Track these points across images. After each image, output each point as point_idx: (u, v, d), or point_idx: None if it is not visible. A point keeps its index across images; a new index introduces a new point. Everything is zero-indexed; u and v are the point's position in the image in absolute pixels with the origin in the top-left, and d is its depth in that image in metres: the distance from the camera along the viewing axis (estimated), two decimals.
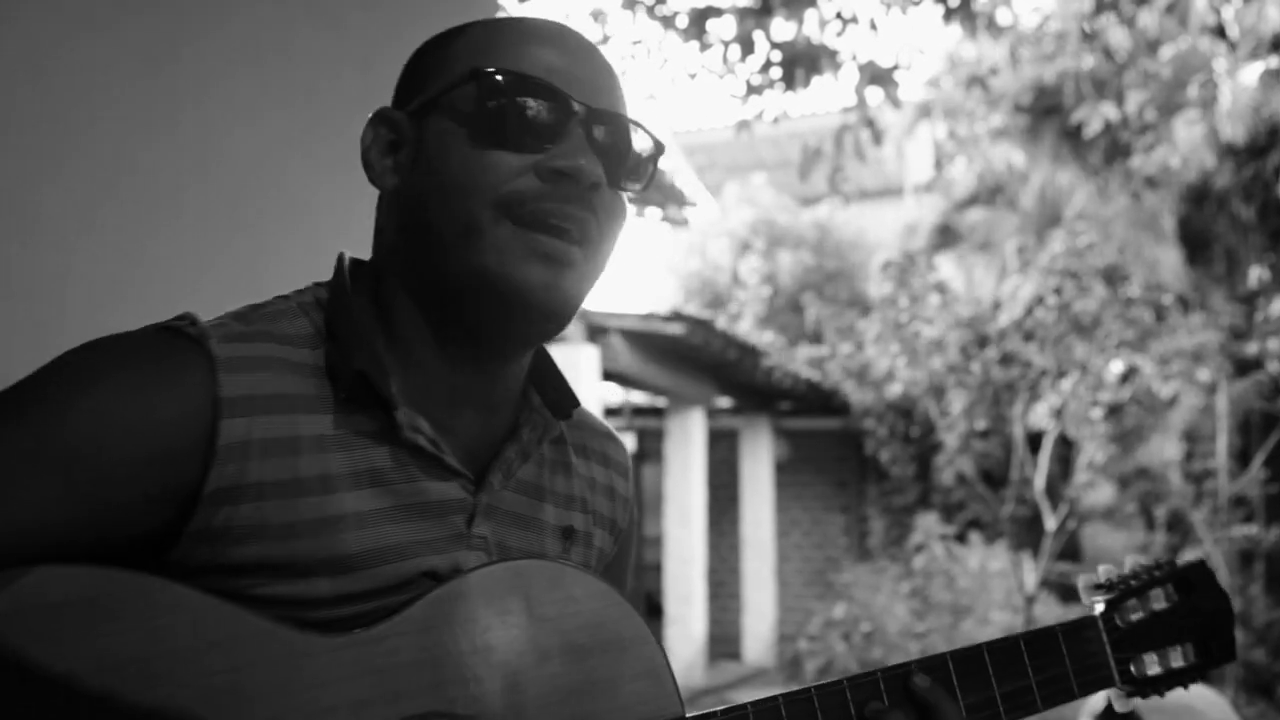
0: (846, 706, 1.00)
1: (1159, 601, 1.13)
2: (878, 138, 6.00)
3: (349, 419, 0.91)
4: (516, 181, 0.91)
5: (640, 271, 13.06)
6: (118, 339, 0.89)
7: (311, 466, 0.89)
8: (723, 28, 5.80)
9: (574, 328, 7.59)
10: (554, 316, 0.93)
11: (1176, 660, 1.13)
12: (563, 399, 1.04)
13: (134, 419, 0.85)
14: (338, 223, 1.99)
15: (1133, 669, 1.11)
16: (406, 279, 0.96)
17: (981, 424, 9.53)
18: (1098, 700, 2.47)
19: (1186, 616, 1.13)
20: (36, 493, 0.82)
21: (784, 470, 12.24)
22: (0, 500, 0.80)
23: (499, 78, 0.92)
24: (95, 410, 0.84)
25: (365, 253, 1.04)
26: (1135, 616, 1.12)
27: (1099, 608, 1.12)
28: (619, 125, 0.96)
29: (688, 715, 0.97)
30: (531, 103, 0.92)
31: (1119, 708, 1.15)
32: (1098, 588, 1.14)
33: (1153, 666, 1.12)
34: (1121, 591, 1.13)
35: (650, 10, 5.94)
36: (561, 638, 0.93)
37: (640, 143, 0.98)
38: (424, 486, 0.94)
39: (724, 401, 11.17)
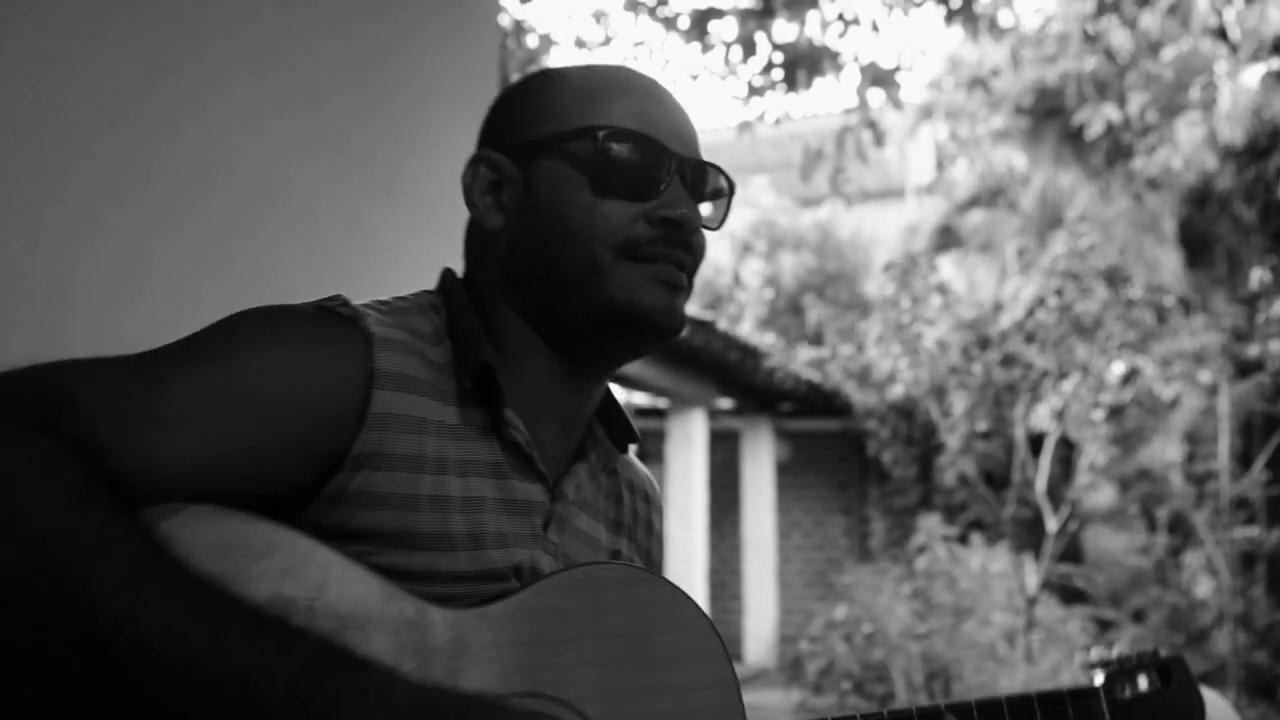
0: None
1: (1144, 684, 1.23)
2: (879, 139, 6.00)
3: (463, 411, 1.01)
4: (632, 228, 1.03)
5: None
6: (286, 308, 0.97)
7: (432, 448, 0.98)
8: (724, 29, 5.81)
9: None
10: (672, 334, 1.06)
11: None
12: (625, 433, 1.15)
13: (307, 379, 0.93)
14: (342, 228, 1.99)
15: None
16: (520, 305, 1.06)
17: (983, 425, 9.53)
18: None
19: (1169, 703, 1.23)
20: (216, 434, 0.88)
21: (785, 472, 12.24)
22: (183, 435, 0.86)
23: (617, 135, 1.03)
24: (276, 366, 0.92)
25: (373, 255, 1.06)
26: (1125, 695, 1.21)
27: (1099, 679, 1.21)
28: (706, 173, 1.10)
29: None
30: (643, 158, 1.04)
31: None
32: (1094, 665, 1.23)
33: None
34: (1116, 670, 1.22)
35: (652, 12, 5.95)
36: (648, 640, 1.01)
37: (717, 183, 1.12)
38: (515, 484, 1.03)
39: (725, 403, 11.17)
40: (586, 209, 1.02)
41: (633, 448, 1.20)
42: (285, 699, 0.79)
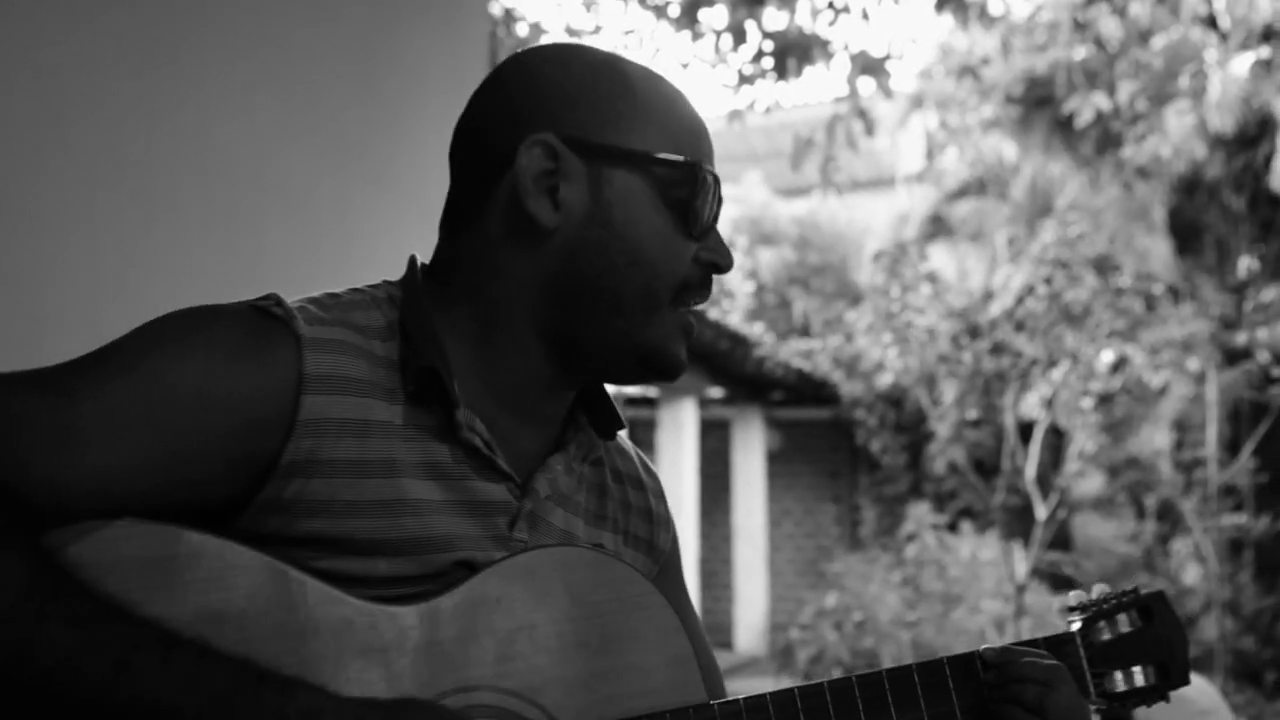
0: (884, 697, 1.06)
1: (1124, 625, 1.22)
2: (870, 128, 6.00)
3: (414, 411, 0.96)
4: (689, 269, 1.01)
5: None
6: (214, 310, 0.93)
7: (378, 450, 0.94)
8: (715, 17, 5.80)
9: None
10: (673, 380, 1.04)
11: (1139, 680, 1.21)
12: (608, 421, 1.10)
13: (227, 385, 0.89)
14: (331, 214, 1.98)
15: (1104, 684, 1.20)
16: (540, 311, 0.99)
17: (973, 413, 9.56)
18: None
19: (1149, 641, 1.22)
20: (128, 446, 0.85)
21: (776, 460, 12.26)
22: (94, 450, 0.84)
23: (707, 176, 1.00)
24: (193, 373, 0.88)
25: (362, 243, 1.04)
26: (1105, 637, 1.21)
27: (1076, 625, 1.20)
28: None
29: (712, 702, 1.01)
30: (714, 199, 1.01)
31: None
32: (1072, 609, 1.23)
33: (1120, 684, 1.21)
34: (1095, 612, 1.21)
35: (642, 0, 5.93)
36: (598, 621, 0.98)
37: None
38: (475, 485, 0.98)
39: (716, 392, 11.18)
40: (664, 243, 0.99)
41: (621, 434, 1.16)
42: None
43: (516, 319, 1.00)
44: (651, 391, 10.54)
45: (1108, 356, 9.10)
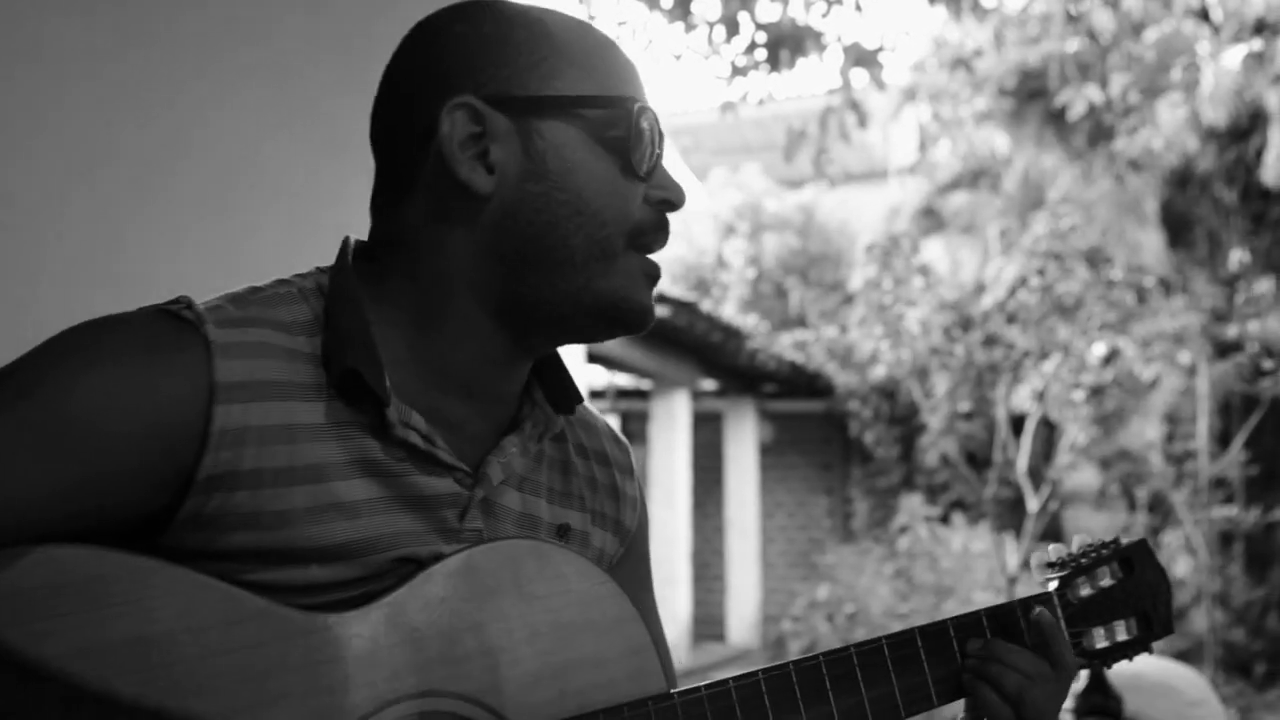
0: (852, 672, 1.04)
1: (1105, 579, 1.18)
2: (863, 120, 6.00)
3: (344, 410, 0.91)
4: (641, 212, 0.96)
5: None
6: (116, 320, 0.88)
7: (306, 455, 0.88)
8: (708, 8, 5.79)
9: None
10: (645, 330, 0.99)
11: (1121, 634, 1.18)
12: (566, 395, 1.04)
13: (132, 401, 0.84)
14: (318, 204, 1.97)
15: (1083, 643, 1.16)
16: (484, 280, 0.94)
17: (965, 406, 9.57)
18: (1078, 678, 2.49)
19: (1130, 592, 1.18)
20: (33, 473, 0.81)
21: (768, 452, 12.27)
22: None
23: (645, 112, 0.95)
24: (94, 391, 0.83)
25: (353, 232, 1.02)
26: (1084, 593, 1.17)
27: (1052, 585, 1.17)
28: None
29: (673, 691, 0.98)
30: (655, 135, 0.96)
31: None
32: (1050, 566, 1.19)
33: (1100, 640, 1.17)
34: (1072, 569, 1.17)
35: None
36: (549, 615, 0.94)
37: None
38: (416, 480, 0.93)
39: (708, 384, 11.18)
40: (608, 188, 0.93)
41: (587, 407, 1.10)
42: None
43: (459, 295, 0.94)
44: (644, 384, 10.54)
45: (1099, 349, 9.12)
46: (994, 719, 1.05)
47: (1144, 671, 2.43)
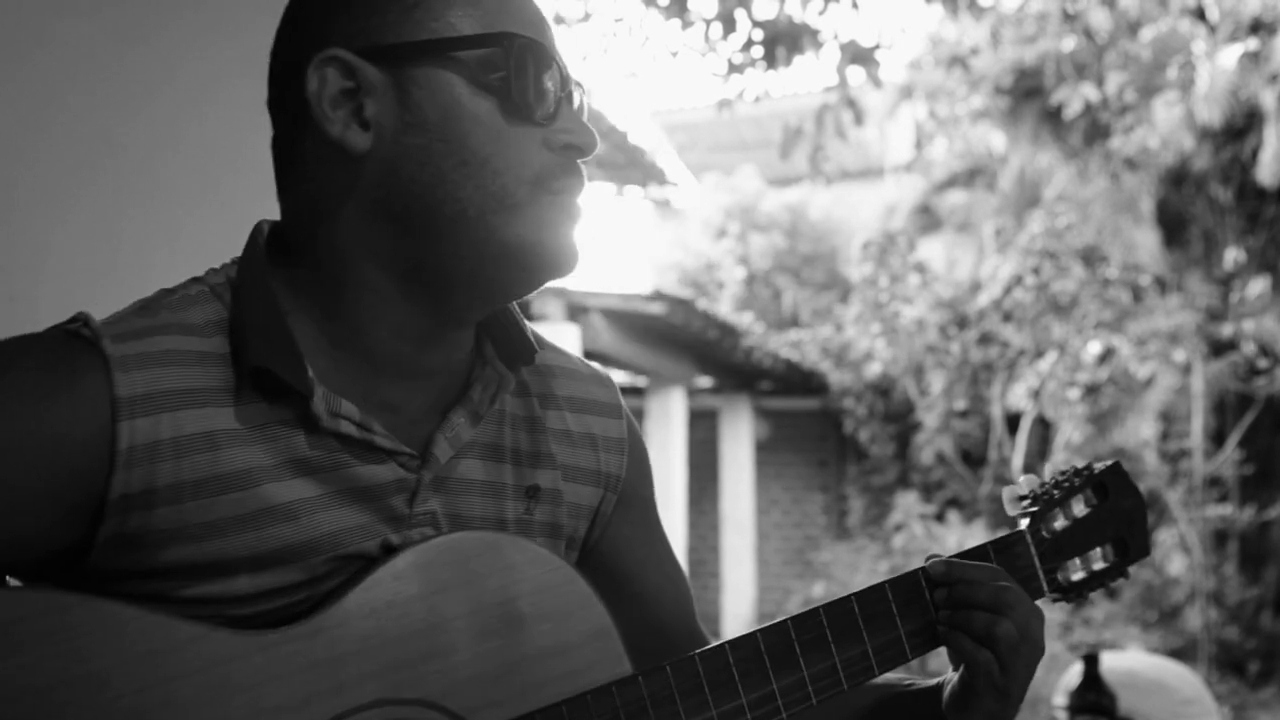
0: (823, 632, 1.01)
1: (1079, 507, 1.14)
2: (859, 118, 6.00)
3: (268, 408, 0.86)
4: (540, 156, 0.88)
5: (621, 252, 13.03)
6: (10, 344, 0.84)
7: (231, 461, 0.84)
8: (704, 5, 5.79)
9: (554, 307, 7.58)
10: (571, 271, 0.91)
11: (1097, 563, 1.14)
12: (518, 348, 0.97)
13: (27, 429, 0.79)
14: None
15: (1059, 577, 1.13)
16: (381, 247, 0.88)
17: (960, 404, 9.59)
18: (1072, 676, 2.49)
19: (1105, 518, 1.14)
20: None
21: (764, 449, 12.28)
22: None
23: (529, 47, 0.87)
24: None
25: None
26: (1058, 525, 1.13)
27: (1024, 522, 1.13)
28: (580, 89, 0.94)
29: (638, 673, 0.94)
30: (546, 74, 0.88)
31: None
32: (1021, 499, 1.14)
33: (1076, 572, 1.14)
34: (1045, 502, 1.13)
35: None
36: (503, 609, 0.90)
37: (582, 93, 0.94)
38: (355, 471, 0.88)
39: (704, 381, 11.18)
40: (494, 134, 0.86)
41: (568, 351, 1.06)
42: None
43: (358, 265, 0.88)
44: (639, 381, 10.54)
45: (1094, 347, 9.14)
46: (973, 663, 1.00)
47: (1138, 669, 2.44)
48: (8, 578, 0.85)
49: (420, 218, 0.87)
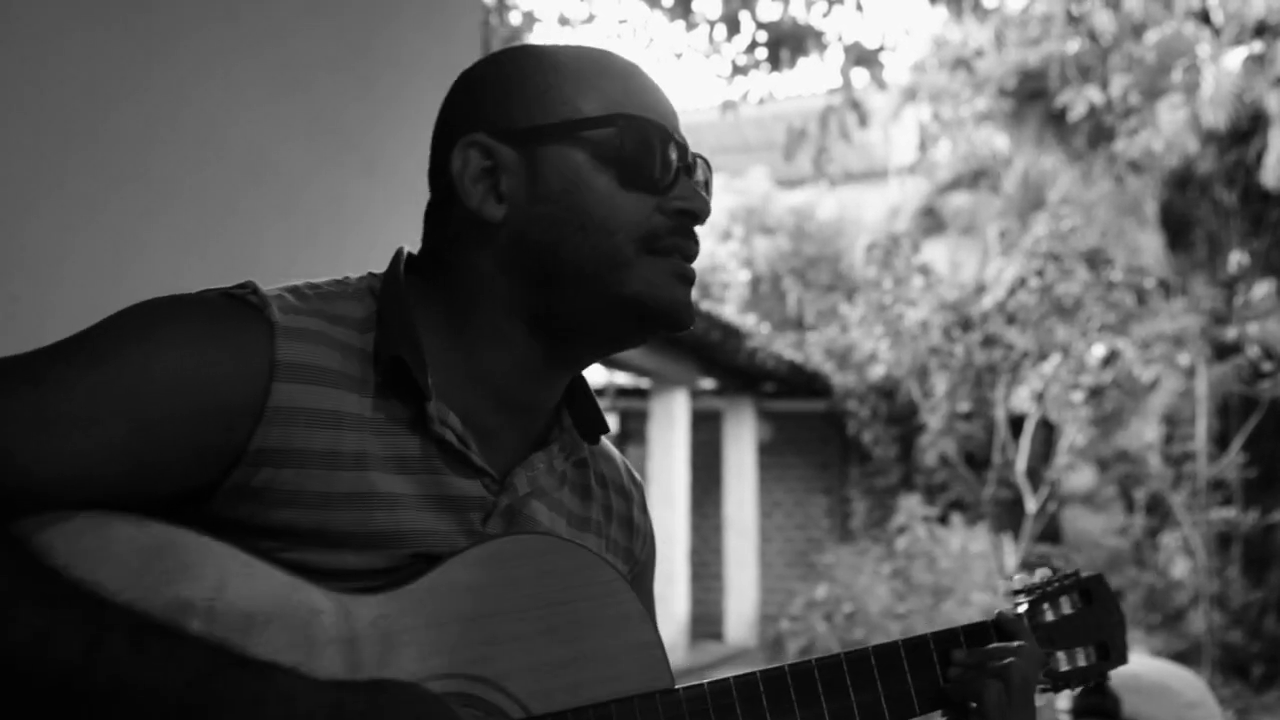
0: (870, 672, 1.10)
1: (1066, 606, 1.25)
2: (863, 119, 6.00)
3: (386, 404, 0.96)
4: (651, 220, 0.99)
5: None
6: (182, 298, 0.93)
7: (351, 443, 0.93)
8: (708, 7, 5.80)
9: None
10: (686, 327, 1.03)
11: (1081, 660, 1.24)
12: (594, 423, 1.10)
13: (197, 373, 0.88)
14: (332, 211, 1.99)
15: (1049, 664, 1.23)
16: (515, 298, 1.00)
17: (964, 406, 9.59)
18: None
19: (1090, 623, 1.25)
20: (96, 437, 0.85)
21: (767, 452, 12.28)
22: (62, 441, 0.84)
23: (640, 125, 0.99)
24: (163, 361, 0.88)
25: (356, 235, 1.04)
26: (1049, 619, 1.23)
27: (1022, 608, 1.23)
28: (703, 163, 1.06)
29: (677, 686, 1.02)
30: (661, 148, 1.00)
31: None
32: (1017, 592, 1.26)
33: (1063, 664, 1.23)
34: (1038, 595, 1.24)
35: None
36: (566, 609, 0.98)
37: (707, 173, 1.07)
38: (446, 480, 0.98)
39: (707, 383, 11.19)
40: (608, 200, 0.98)
41: (604, 439, 1.16)
42: (175, 710, 0.78)
43: (487, 307, 1.00)
44: (643, 382, 10.55)
45: (1098, 350, 9.13)
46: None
47: (1142, 672, 2.44)
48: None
49: (548, 273, 0.99)
